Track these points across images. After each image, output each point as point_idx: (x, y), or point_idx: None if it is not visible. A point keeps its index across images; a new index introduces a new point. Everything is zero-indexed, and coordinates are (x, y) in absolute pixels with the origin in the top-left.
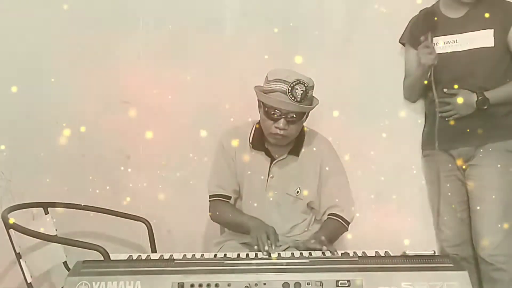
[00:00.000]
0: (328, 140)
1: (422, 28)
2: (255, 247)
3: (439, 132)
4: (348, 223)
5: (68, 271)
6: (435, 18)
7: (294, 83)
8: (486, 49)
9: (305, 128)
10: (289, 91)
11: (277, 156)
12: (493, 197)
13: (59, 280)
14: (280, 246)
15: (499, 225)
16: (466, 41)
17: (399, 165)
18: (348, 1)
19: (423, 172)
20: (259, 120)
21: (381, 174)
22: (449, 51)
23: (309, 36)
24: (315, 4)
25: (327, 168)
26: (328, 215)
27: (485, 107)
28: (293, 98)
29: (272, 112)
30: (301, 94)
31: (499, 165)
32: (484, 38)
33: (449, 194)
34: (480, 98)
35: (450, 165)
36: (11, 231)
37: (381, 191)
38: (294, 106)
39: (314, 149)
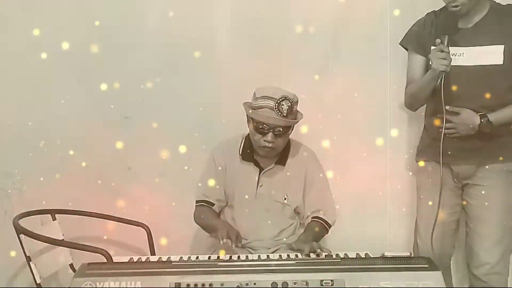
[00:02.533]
0: (312, 150)
1: (439, 29)
2: (221, 242)
3: (437, 144)
4: (330, 226)
5: (74, 272)
6: (455, 20)
7: (280, 100)
8: (494, 67)
9: (291, 140)
10: (276, 107)
11: (265, 166)
12: (493, 218)
13: (65, 281)
14: (269, 248)
15: (497, 247)
16: (473, 55)
17: (379, 174)
18: (333, 20)
19: (417, 180)
20: (248, 133)
21: (362, 182)
22: (455, 65)
23: (294, 54)
24: (301, 24)
25: (311, 176)
26: (312, 218)
27: (488, 131)
28: (279, 113)
29: (261, 127)
30: (287, 109)
31: (500, 187)
32: (492, 54)
33: (441, 205)
34: (483, 120)
35: (447, 178)
36: (22, 236)
37: (361, 198)
38: (281, 120)
39: (299, 159)
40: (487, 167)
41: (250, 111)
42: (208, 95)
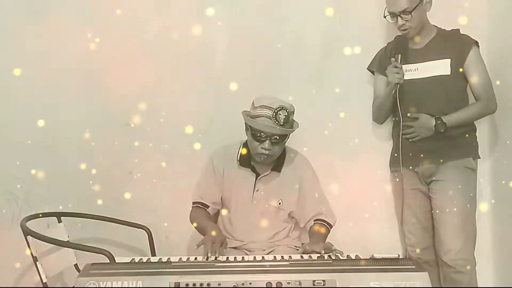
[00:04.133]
0: (306, 158)
1: (393, 51)
2: (204, 257)
3: (404, 151)
4: (332, 226)
5: (79, 272)
6: (406, 42)
7: (277, 109)
8: (443, 77)
9: (286, 148)
10: (273, 116)
11: (261, 172)
12: (454, 208)
13: (70, 280)
14: (264, 250)
15: (459, 233)
16: (425, 69)
17: (368, 180)
18: (323, 36)
19: (391, 186)
20: (246, 140)
21: (352, 189)
22: (410, 78)
23: (288, 66)
24: (294, 38)
25: (306, 183)
26: (315, 221)
27: (443, 131)
28: (276, 122)
29: (258, 135)
30: (284, 118)
31: (458, 180)
32: (441, 67)
33: (414, 205)
34: (438, 122)
35: (414, 180)
36: (29, 237)
37: (352, 204)
38: (278, 129)
39: (294, 166)
40: (445, 164)
41: (248, 120)
42: (208, 103)
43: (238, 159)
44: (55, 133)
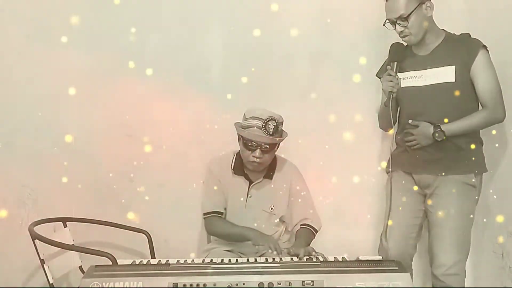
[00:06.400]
0: (295, 165)
1: (388, 58)
2: (264, 252)
3: (404, 156)
4: (317, 231)
5: (83, 273)
6: (402, 50)
7: (267, 120)
8: (447, 84)
9: (277, 156)
10: (263, 126)
11: (254, 179)
12: (449, 224)
13: (75, 281)
14: (256, 253)
15: (453, 250)
16: (430, 76)
17: (354, 187)
18: (311, 50)
19: (385, 188)
20: (239, 150)
21: (339, 194)
22: (414, 85)
23: (279, 79)
24: (284, 52)
25: (295, 189)
26: (301, 225)
27: (440, 140)
28: (266, 132)
29: (250, 144)
30: (273, 128)
31: (456, 196)
32: (446, 74)
33: (405, 210)
34: (437, 130)
35: (410, 186)
36: (36, 241)
37: (339, 208)
38: (267, 138)
39: (284, 173)
40: (445, 177)
41: (240, 130)
42: (202, 115)
43: (232, 167)
44: (61, 144)
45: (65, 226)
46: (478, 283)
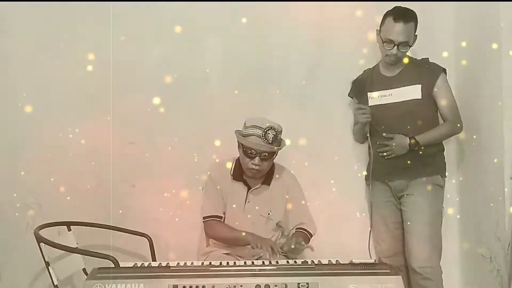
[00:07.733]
0: (292, 172)
1: (356, 93)
2: (261, 254)
3: (379, 167)
4: (311, 236)
5: (86, 275)
6: (368, 79)
7: (267, 129)
8: (414, 101)
9: (275, 164)
10: (263, 135)
11: (252, 185)
12: (422, 220)
13: (79, 283)
14: (254, 256)
15: (427, 243)
16: (398, 94)
17: (346, 193)
18: (307, 57)
19: (367, 198)
20: (238, 157)
21: (334, 201)
22: (385, 103)
23: (274, 86)
24: (280, 59)
25: (292, 195)
26: (297, 229)
27: (416, 148)
28: (266, 140)
29: (249, 152)
30: (272, 137)
31: (427, 195)
32: (413, 92)
33: (387, 216)
34: (412, 141)
35: (387, 193)
36: (42, 244)
37: (333, 213)
38: (267, 147)
39: (282, 180)
40: (416, 180)
41: (240, 138)
42: (203, 123)
43: (232, 173)
44: (65, 152)
45: (69, 229)
46: (466, 287)
